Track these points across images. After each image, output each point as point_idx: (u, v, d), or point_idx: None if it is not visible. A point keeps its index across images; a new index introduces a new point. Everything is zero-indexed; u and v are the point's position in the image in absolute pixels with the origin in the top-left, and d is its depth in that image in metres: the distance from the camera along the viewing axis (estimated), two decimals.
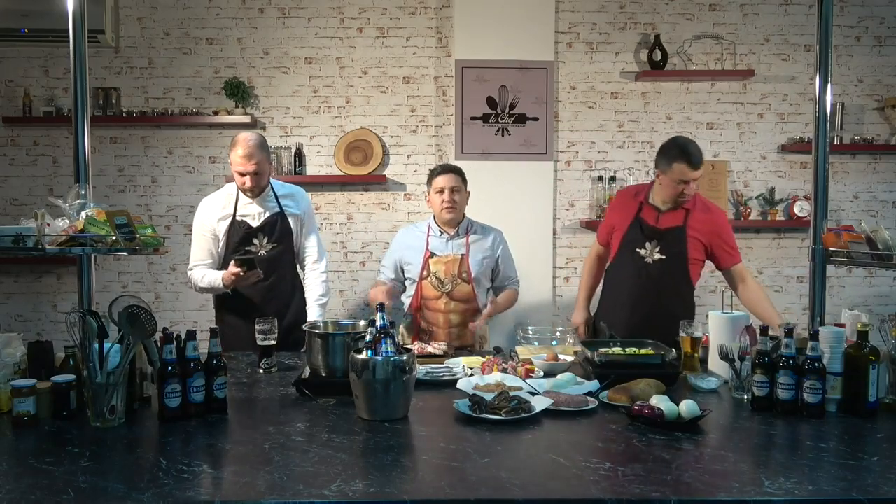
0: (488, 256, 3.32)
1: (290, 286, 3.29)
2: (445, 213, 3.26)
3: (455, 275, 3.23)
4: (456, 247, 3.30)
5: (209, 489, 1.62)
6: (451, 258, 3.26)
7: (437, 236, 3.32)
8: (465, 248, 3.30)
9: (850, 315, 2.48)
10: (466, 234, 3.33)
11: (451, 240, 3.31)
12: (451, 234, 3.31)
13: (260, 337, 2.67)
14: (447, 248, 3.30)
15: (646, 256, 3.08)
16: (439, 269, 3.24)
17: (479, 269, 3.28)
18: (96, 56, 4.48)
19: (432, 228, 3.35)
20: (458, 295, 3.23)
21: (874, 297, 4.81)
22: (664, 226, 3.09)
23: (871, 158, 4.77)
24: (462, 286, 3.24)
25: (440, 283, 3.22)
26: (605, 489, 1.56)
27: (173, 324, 4.40)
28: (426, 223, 3.40)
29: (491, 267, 3.35)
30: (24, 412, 2.02)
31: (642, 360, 2.47)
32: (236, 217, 3.19)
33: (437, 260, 3.26)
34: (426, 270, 3.25)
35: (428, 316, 3.26)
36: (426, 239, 3.32)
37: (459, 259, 3.26)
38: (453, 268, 3.24)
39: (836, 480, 1.63)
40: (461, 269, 3.25)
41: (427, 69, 4.66)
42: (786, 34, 4.70)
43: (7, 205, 4.58)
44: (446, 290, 3.22)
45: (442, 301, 3.23)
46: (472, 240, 3.32)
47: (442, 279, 3.22)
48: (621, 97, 4.70)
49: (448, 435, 1.94)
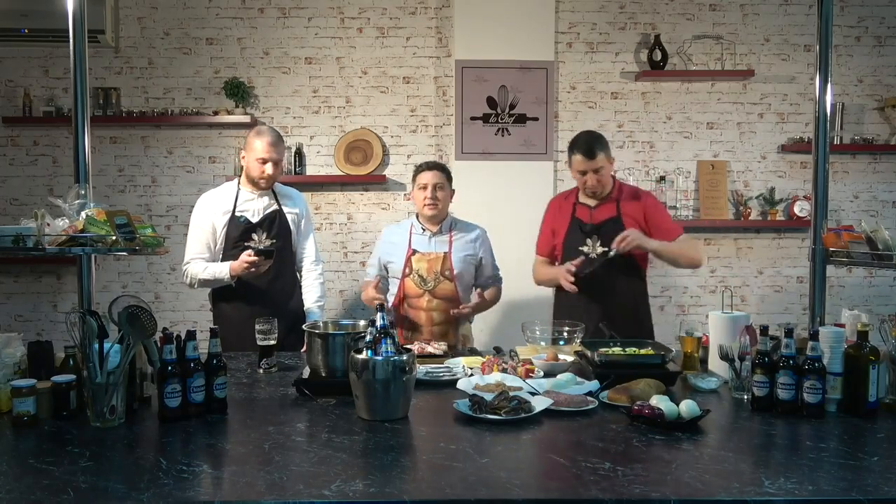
0: (471, 254, 3.31)
1: (289, 284, 3.30)
2: (427, 210, 3.24)
3: (437, 272, 3.22)
4: (439, 245, 3.29)
5: (209, 489, 1.62)
6: (434, 256, 3.25)
7: (419, 234, 3.30)
8: (448, 245, 3.28)
9: (850, 315, 2.49)
10: (450, 232, 3.32)
11: (434, 237, 3.29)
12: (433, 232, 3.30)
13: (260, 337, 2.67)
14: (430, 245, 3.28)
15: (590, 253, 3.14)
16: (422, 266, 3.22)
17: (462, 267, 3.26)
18: (96, 56, 4.48)
19: (415, 226, 3.33)
20: (440, 293, 3.22)
21: (874, 297, 4.81)
22: (599, 220, 3.17)
23: (871, 158, 4.77)
24: (445, 284, 3.22)
25: (422, 281, 3.21)
26: (605, 489, 1.56)
27: (173, 324, 4.40)
28: (409, 221, 3.38)
29: (474, 265, 3.33)
30: (24, 412, 2.02)
31: (642, 360, 2.47)
32: (236, 212, 3.20)
33: (420, 257, 3.24)
34: (408, 268, 3.23)
35: (410, 314, 3.23)
36: (409, 236, 3.30)
37: (442, 257, 3.24)
38: (436, 265, 3.23)
39: (836, 480, 1.63)
40: (444, 267, 3.23)
41: (427, 69, 4.66)
42: (786, 34, 4.70)
43: (7, 205, 4.58)
44: (428, 287, 3.21)
45: (424, 299, 3.21)
46: (454, 238, 3.31)
47: (424, 277, 3.21)
48: (621, 97, 4.70)
49: (448, 435, 1.93)
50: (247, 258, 3.01)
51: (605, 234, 3.12)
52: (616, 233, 3.05)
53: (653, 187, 4.66)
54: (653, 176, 4.68)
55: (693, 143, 4.73)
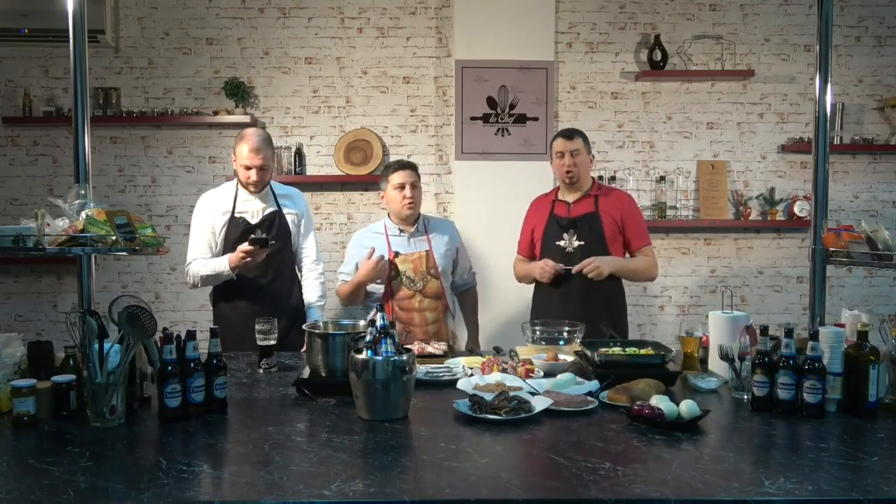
0: (449, 248, 3.35)
1: (288, 283, 3.29)
2: (406, 210, 3.23)
3: (424, 272, 3.23)
4: (417, 244, 3.29)
5: (209, 489, 1.62)
6: (417, 256, 3.25)
7: (396, 235, 3.29)
8: (427, 243, 3.29)
9: (850, 315, 2.48)
10: (425, 230, 3.32)
11: (413, 237, 3.29)
12: (410, 232, 3.29)
13: (260, 337, 2.67)
14: (410, 246, 3.28)
15: (566, 247, 3.19)
16: (407, 267, 3.22)
17: (444, 263, 3.29)
18: (96, 56, 4.48)
19: (389, 228, 3.31)
20: (429, 291, 3.23)
21: (874, 297, 4.81)
22: (576, 214, 3.24)
23: (871, 158, 4.77)
24: (432, 282, 3.24)
25: (411, 282, 3.21)
26: (605, 489, 1.56)
27: (173, 324, 4.40)
28: (381, 224, 3.35)
29: (452, 258, 3.37)
30: (24, 412, 2.02)
31: (642, 360, 2.47)
32: (235, 213, 3.20)
33: (404, 259, 3.23)
34: (394, 270, 3.21)
35: (402, 316, 3.21)
36: (386, 239, 3.27)
37: (425, 255, 3.25)
38: (421, 265, 3.23)
39: (836, 480, 1.63)
40: (428, 265, 3.24)
41: (427, 69, 4.66)
42: (786, 34, 4.70)
43: (7, 205, 4.58)
44: (418, 287, 3.21)
45: (416, 299, 3.21)
46: (431, 235, 3.32)
47: (413, 278, 3.21)
48: (621, 97, 4.70)
49: (448, 435, 1.93)
50: (243, 248, 3.01)
51: (581, 228, 3.20)
52: (593, 228, 3.17)
53: (653, 187, 4.67)
54: (653, 176, 4.68)
55: (693, 143, 4.73)
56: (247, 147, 3.12)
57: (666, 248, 4.72)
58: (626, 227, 3.23)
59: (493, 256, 4.19)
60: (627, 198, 3.34)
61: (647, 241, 3.27)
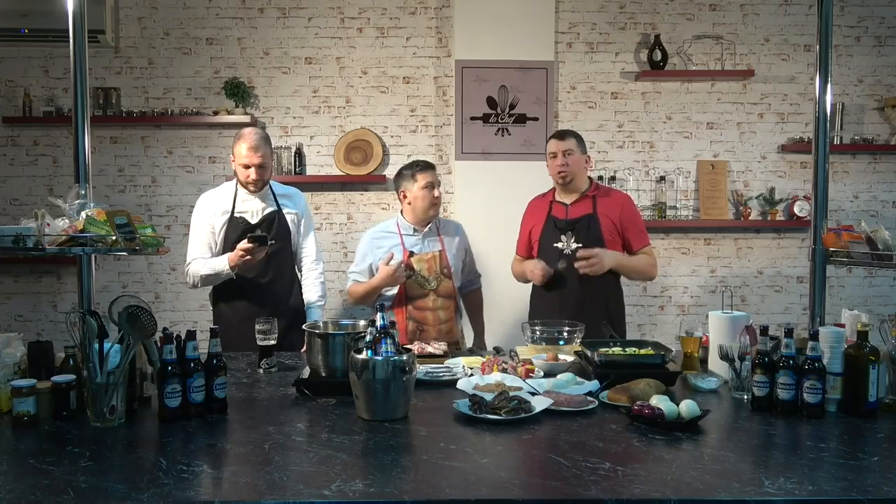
0: (460, 249, 3.36)
1: (288, 283, 3.29)
2: (432, 210, 3.25)
3: (438, 271, 3.24)
4: (431, 244, 3.29)
5: (209, 489, 1.62)
6: (431, 255, 3.26)
7: (410, 234, 3.29)
8: (440, 243, 3.30)
9: (850, 315, 2.48)
10: (437, 230, 3.33)
11: (426, 237, 3.29)
12: (424, 232, 3.29)
13: (260, 337, 2.67)
14: (424, 245, 3.28)
15: (564, 249, 3.19)
16: (422, 267, 3.22)
17: (456, 263, 3.30)
18: (96, 56, 4.48)
19: (403, 227, 3.30)
20: (442, 291, 3.24)
21: (874, 297, 4.81)
22: (574, 216, 3.23)
23: (871, 158, 4.77)
24: (445, 282, 3.25)
25: (426, 282, 3.22)
26: (605, 489, 1.56)
27: (173, 324, 4.40)
28: (393, 222, 3.35)
29: (462, 259, 3.37)
30: (24, 412, 2.02)
31: (642, 360, 2.47)
32: (234, 213, 3.20)
33: (419, 258, 3.24)
34: (409, 270, 3.22)
35: (416, 315, 3.22)
36: (400, 238, 3.28)
37: (438, 255, 3.26)
38: (435, 265, 3.24)
39: (836, 480, 1.63)
40: (442, 265, 3.25)
41: (427, 69, 4.66)
42: (786, 34, 4.70)
43: (7, 205, 4.58)
44: (432, 287, 3.22)
45: (430, 299, 3.22)
46: (444, 235, 3.33)
47: (427, 277, 3.22)
48: (621, 97, 4.70)
49: (448, 435, 1.93)
50: (242, 246, 3.00)
51: (579, 230, 3.19)
52: (591, 229, 3.16)
53: (653, 187, 4.66)
54: (653, 176, 4.68)
55: (693, 143, 4.73)
56: (245, 146, 3.12)
57: (666, 248, 4.72)
58: (625, 229, 3.22)
59: (493, 256, 4.18)
60: (626, 198, 3.33)
61: (646, 242, 3.27)
